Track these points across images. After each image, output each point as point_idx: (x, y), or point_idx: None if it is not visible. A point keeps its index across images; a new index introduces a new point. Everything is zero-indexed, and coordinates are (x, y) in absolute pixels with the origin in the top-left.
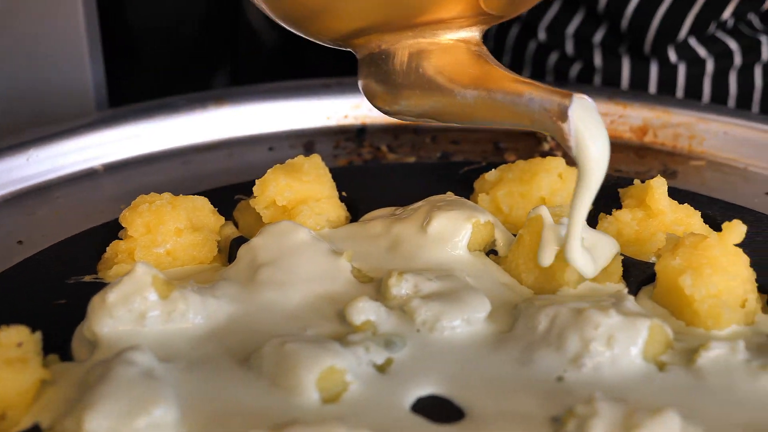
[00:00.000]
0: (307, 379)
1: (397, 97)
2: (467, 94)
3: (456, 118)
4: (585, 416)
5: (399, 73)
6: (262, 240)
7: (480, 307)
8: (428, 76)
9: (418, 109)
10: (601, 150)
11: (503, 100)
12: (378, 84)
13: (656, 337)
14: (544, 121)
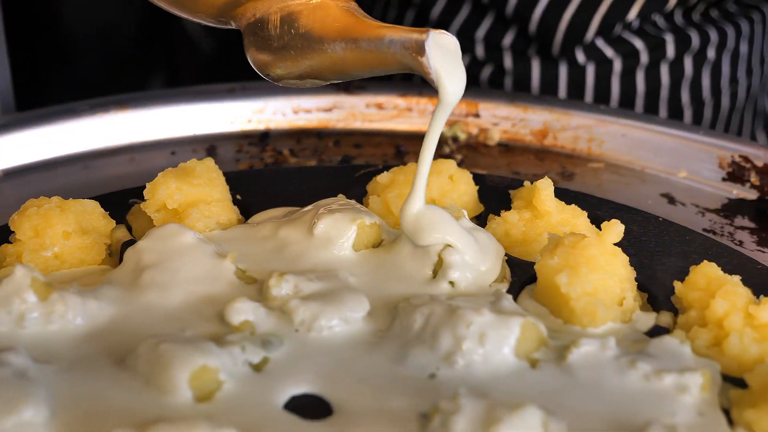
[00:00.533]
0: (179, 378)
1: (277, 61)
2: (336, 47)
3: (332, 74)
4: (448, 412)
5: (274, 37)
6: (148, 243)
7: (358, 307)
8: (299, 35)
9: (297, 70)
10: (458, 84)
11: (368, 46)
12: (259, 52)
13: (529, 335)
14: (406, 58)
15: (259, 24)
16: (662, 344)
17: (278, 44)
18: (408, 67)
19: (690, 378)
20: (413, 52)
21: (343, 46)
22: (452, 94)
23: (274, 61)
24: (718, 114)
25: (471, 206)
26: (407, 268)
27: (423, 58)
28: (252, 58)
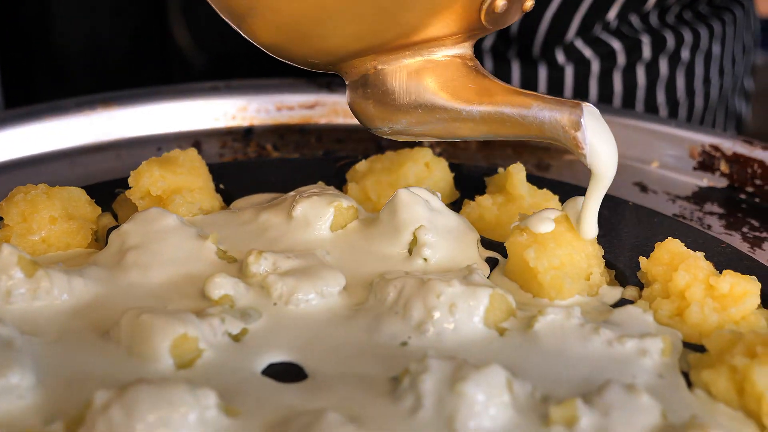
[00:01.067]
0: (161, 347)
1: (397, 117)
2: (473, 110)
3: (461, 134)
4: (417, 372)
5: (398, 93)
6: (131, 226)
7: (334, 282)
8: (430, 94)
9: (420, 128)
10: (612, 156)
11: (511, 113)
12: (375, 105)
13: (497, 305)
14: (556, 131)
15: (380, 77)
16: (626, 313)
17: (402, 100)
18: (554, 140)
19: (651, 343)
20: (567, 126)
21: (482, 110)
22: (608, 168)
23: (393, 116)
24: (692, 114)
25: (446, 192)
26: (383, 246)
27: (578, 133)
28: (360, 110)
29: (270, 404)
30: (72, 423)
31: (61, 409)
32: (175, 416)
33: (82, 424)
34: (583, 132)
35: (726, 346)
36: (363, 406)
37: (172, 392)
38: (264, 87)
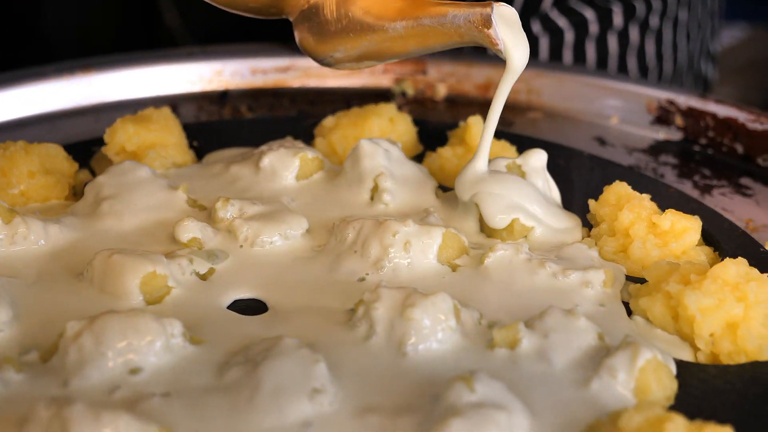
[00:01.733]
0: (131, 284)
1: (334, 45)
2: (397, 26)
3: (392, 52)
4: (370, 301)
5: (331, 21)
6: (106, 178)
7: (297, 225)
8: (358, 18)
9: (355, 52)
10: (523, 48)
11: (431, 23)
12: (313, 37)
13: (450, 243)
14: (471, 32)
15: (314, 10)
16: (572, 249)
17: (336, 28)
18: (472, 41)
19: (593, 275)
20: (479, 25)
21: (404, 24)
22: (519, 61)
23: (333, 45)
24: (661, 78)
25: (410, 146)
26: (346, 194)
27: (490, 30)
28: (307, 44)
29: (232, 334)
30: (46, 353)
31: (36, 341)
32: (142, 343)
33: (55, 353)
34: (495, 28)
35: (663, 275)
36: (319, 334)
37: (139, 321)
38: (239, 52)
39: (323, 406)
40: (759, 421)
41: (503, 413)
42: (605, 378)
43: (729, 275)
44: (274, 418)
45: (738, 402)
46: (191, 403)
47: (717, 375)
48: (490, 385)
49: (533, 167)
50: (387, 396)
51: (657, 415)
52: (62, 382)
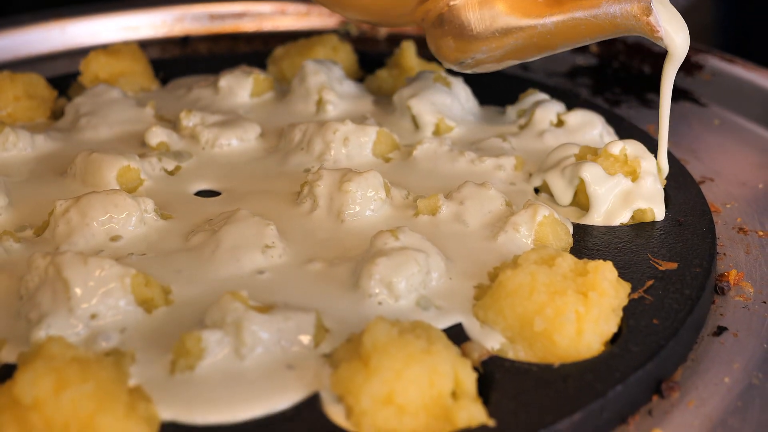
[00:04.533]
0: (109, 176)
1: (477, 46)
2: (546, 22)
3: (540, 49)
4: (313, 180)
5: (474, 23)
6: (83, 98)
7: (251, 130)
8: (503, 17)
9: (499, 52)
10: (685, 33)
11: (583, 16)
12: (455, 40)
13: (383, 140)
14: (629, 21)
15: (454, 12)
16: (489, 142)
17: (478, 29)
18: (629, 31)
19: (505, 160)
20: (638, 14)
21: (555, 20)
22: (681, 47)
23: (475, 46)
24: None
25: (351, 71)
26: (294, 107)
27: (651, 18)
28: (445, 48)
29: (196, 211)
30: (39, 229)
31: (29, 222)
32: (121, 216)
33: (46, 228)
34: (655, 15)
35: (563, 153)
36: (270, 210)
37: (118, 198)
38: None
39: (273, 258)
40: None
41: (422, 254)
42: (510, 232)
43: (622, 151)
44: (233, 267)
45: (622, 249)
46: (163, 260)
47: (606, 232)
48: (412, 236)
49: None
50: (327, 251)
51: (549, 253)
52: (53, 248)
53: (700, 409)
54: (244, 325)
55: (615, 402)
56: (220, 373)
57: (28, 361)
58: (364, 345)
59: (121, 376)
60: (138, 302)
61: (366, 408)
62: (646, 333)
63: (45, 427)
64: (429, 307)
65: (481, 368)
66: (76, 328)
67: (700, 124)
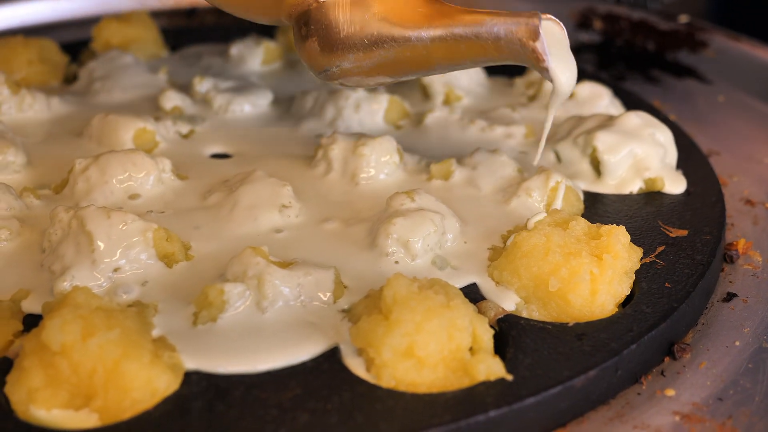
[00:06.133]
0: (125, 137)
1: (343, 53)
2: (422, 35)
3: (413, 66)
4: (327, 144)
5: (342, 24)
6: (97, 63)
7: (263, 96)
8: (376, 21)
9: (367, 63)
10: (572, 75)
11: (463, 33)
12: (319, 42)
13: (394, 107)
14: (513, 45)
15: (323, 10)
16: (498, 112)
17: (346, 33)
18: (512, 57)
19: (516, 129)
20: (524, 37)
21: (432, 34)
22: (567, 83)
23: (341, 52)
24: None
25: None
26: (306, 74)
27: (536, 44)
28: (309, 50)
29: (212, 172)
30: (58, 187)
31: (48, 181)
32: (139, 175)
33: (65, 186)
34: (542, 42)
35: (575, 123)
36: (284, 172)
37: (137, 157)
38: None
39: (290, 217)
40: (649, 232)
41: (438, 215)
42: (522, 197)
43: (632, 122)
44: (251, 226)
45: (633, 216)
46: (182, 217)
47: (617, 200)
48: (428, 198)
49: None
50: (343, 212)
51: (563, 217)
52: (73, 204)
53: (711, 370)
54: (265, 279)
55: (629, 361)
56: (241, 326)
57: (54, 310)
58: (385, 298)
59: (145, 326)
60: (159, 256)
61: (386, 360)
62: (659, 296)
63: (72, 372)
64: (445, 266)
65: (496, 326)
66: (98, 280)
67: (705, 101)
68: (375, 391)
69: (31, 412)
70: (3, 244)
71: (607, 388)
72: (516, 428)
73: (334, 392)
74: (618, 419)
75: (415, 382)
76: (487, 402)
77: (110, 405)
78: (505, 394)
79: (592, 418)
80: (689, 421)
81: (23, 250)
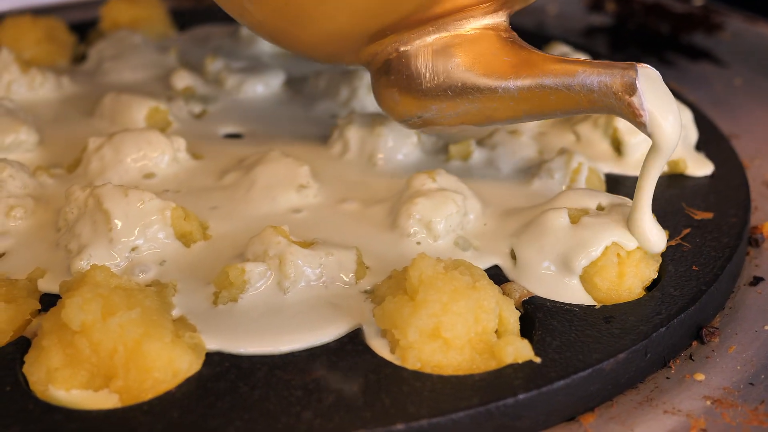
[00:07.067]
0: (138, 116)
1: (426, 103)
2: (509, 85)
3: (500, 116)
4: (344, 124)
5: (425, 75)
6: (106, 43)
7: (276, 76)
8: (460, 72)
9: (452, 113)
10: (674, 125)
11: (554, 84)
12: (401, 92)
13: None
14: (607, 98)
15: (403, 60)
16: None
17: (429, 84)
18: (608, 109)
19: None
20: (619, 91)
21: (520, 84)
22: (670, 137)
23: (423, 103)
24: None
25: None
26: None
27: (633, 98)
28: (389, 100)
29: (227, 152)
30: (71, 165)
31: (60, 160)
32: (154, 154)
33: (78, 165)
34: (640, 96)
35: None
36: (299, 152)
37: (152, 136)
38: None
39: (309, 197)
40: (673, 215)
41: (460, 196)
42: (544, 178)
43: None
44: (269, 206)
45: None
46: (198, 197)
47: None
48: (449, 179)
49: None
50: (360, 192)
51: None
52: (87, 183)
53: (741, 354)
54: (287, 259)
55: (657, 344)
56: (262, 306)
57: (72, 288)
58: (411, 279)
59: (164, 306)
60: (177, 236)
61: (412, 341)
62: (686, 278)
63: (92, 351)
64: (467, 247)
65: (522, 308)
66: (116, 259)
67: (721, 84)
68: (401, 372)
69: (50, 392)
70: (18, 222)
71: (636, 372)
72: (545, 412)
73: (359, 374)
74: (647, 403)
75: (440, 364)
76: (516, 385)
77: (131, 385)
78: (534, 377)
79: (620, 401)
80: (721, 406)
81: (38, 229)
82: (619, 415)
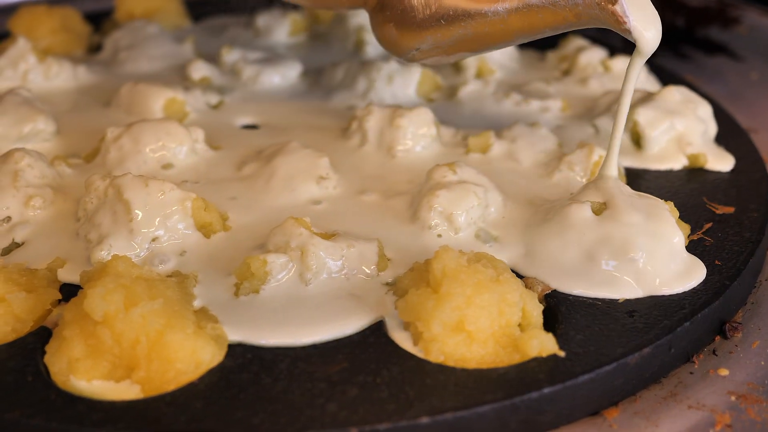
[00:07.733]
0: (155, 106)
1: (421, 35)
2: (498, 8)
3: (490, 40)
4: (363, 116)
5: (417, 8)
6: (122, 32)
7: (292, 67)
8: (449, 1)
9: (446, 42)
10: (656, 31)
11: (540, 3)
12: (397, 27)
13: (427, 80)
14: (592, 10)
15: None
16: (532, 85)
17: (424, 15)
18: (592, 21)
19: (552, 102)
20: (603, 2)
21: (508, 6)
22: (651, 42)
23: (419, 35)
24: None
25: None
26: (333, 46)
27: (616, 6)
28: (384, 36)
29: (245, 143)
30: (89, 156)
31: (78, 149)
32: (173, 144)
33: (96, 155)
34: (622, 4)
35: (614, 98)
36: (317, 143)
37: (170, 126)
38: None
39: (328, 189)
40: (694, 209)
41: (481, 188)
42: (565, 171)
43: (673, 97)
44: (289, 197)
45: (676, 193)
46: (217, 188)
47: (660, 176)
48: (469, 171)
49: None
50: (380, 184)
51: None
52: (106, 173)
53: (765, 350)
54: (309, 250)
55: (681, 339)
56: (283, 298)
57: (94, 278)
58: (434, 271)
59: (186, 297)
60: (197, 226)
61: (436, 334)
62: (709, 273)
63: (114, 342)
64: (489, 240)
65: (544, 302)
66: (136, 249)
67: (737, 79)
68: (424, 365)
69: (71, 382)
70: (37, 212)
71: (660, 367)
72: (569, 406)
73: (382, 366)
74: (672, 398)
75: (464, 357)
76: (541, 378)
77: (153, 376)
78: (559, 371)
79: (644, 396)
80: (746, 401)
81: (57, 219)
82: (643, 410)
